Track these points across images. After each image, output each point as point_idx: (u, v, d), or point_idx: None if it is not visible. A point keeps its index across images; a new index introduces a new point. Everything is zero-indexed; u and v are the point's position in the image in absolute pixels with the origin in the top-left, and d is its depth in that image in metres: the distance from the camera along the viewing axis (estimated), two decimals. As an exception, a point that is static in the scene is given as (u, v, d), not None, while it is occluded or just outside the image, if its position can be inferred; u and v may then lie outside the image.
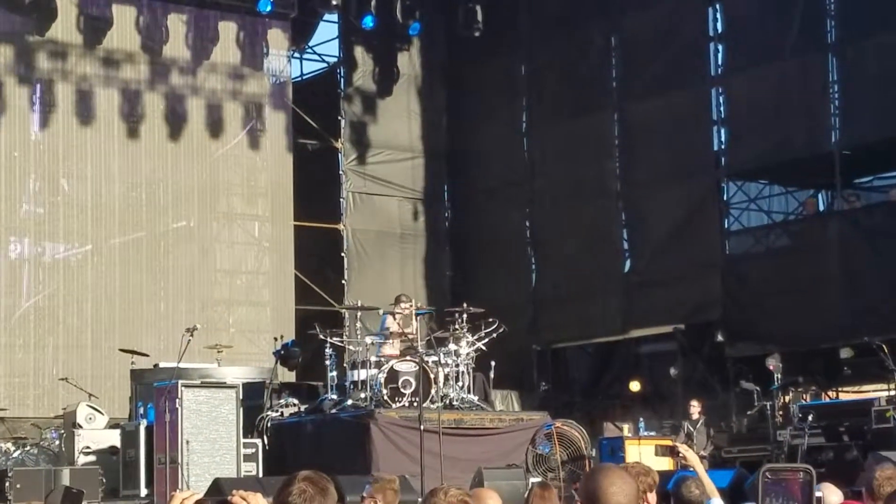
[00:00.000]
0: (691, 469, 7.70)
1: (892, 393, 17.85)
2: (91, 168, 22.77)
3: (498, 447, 16.86)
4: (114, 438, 17.03)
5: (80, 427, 17.36)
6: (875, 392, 20.31)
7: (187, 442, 15.42)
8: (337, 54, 26.54)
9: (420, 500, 11.58)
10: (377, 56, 26.26)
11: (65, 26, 22.59)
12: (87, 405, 17.94)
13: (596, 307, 23.91)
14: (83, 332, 22.25)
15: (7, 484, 15.49)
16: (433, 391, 16.79)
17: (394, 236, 26.32)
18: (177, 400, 15.48)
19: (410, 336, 17.68)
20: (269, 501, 4.40)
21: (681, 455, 7.85)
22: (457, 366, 17.71)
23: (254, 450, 16.57)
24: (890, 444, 16.39)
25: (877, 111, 20.44)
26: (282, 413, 18.33)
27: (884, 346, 17.56)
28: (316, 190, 25.40)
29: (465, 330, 17.92)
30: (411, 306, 18.47)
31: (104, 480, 16.15)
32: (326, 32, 26.92)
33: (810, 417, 18.23)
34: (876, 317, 19.68)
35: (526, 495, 10.17)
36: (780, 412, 19.46)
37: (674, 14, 23.17)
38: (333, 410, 17.60)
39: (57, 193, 22.51)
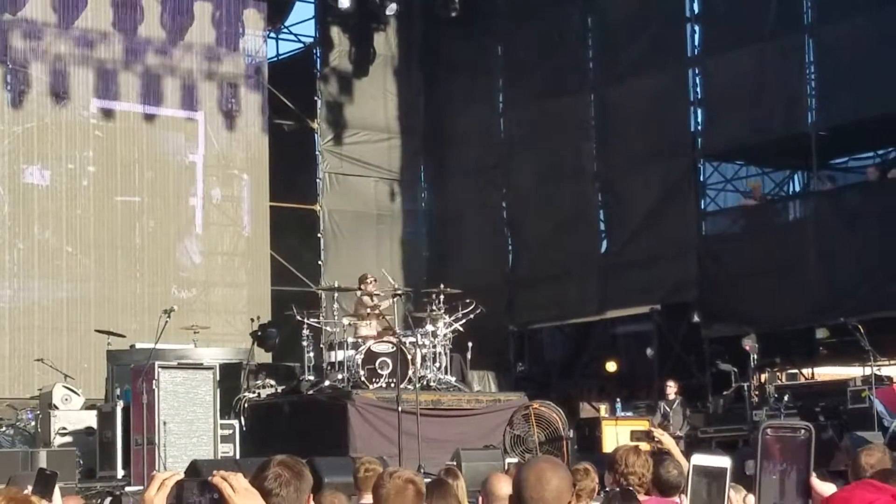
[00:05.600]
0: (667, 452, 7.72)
1: (868, 373, 17.91)
2: (65, 149, 22.63)
3: (476, 428, 16.89)
4: (90, 419, 16.97)
5: (56, 408, 17.28)
6: (851, 372, 20.41)
7: (164, 423, 15.38)
8: (313, 34, 26.44)
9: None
10: (353, 36, 26.16)
11: (39, 5, 22.42)
12: (63, 386, 17.87)
13: (572, 288, 23.92)
14: (59, 313, 22.13)
15: (-18, 465, 15.41)
16: (410, 372, 16.79)
17: (370, 217, 26.26)
18: (153, 381, 15.43)
19: (388, 316, 17.68)
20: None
21: (656, 439, 7.87)
22: (434, 347, 17.72)
23: (231, 431, 16.55)
24: (866, 424, 16.49)
25: (853, 92, 20.45)
26: (259, 394, 18.33)
27: (860, 326, 17.63)
28: (292, 171, 25.31)
29: (442, 311, 17.94)
30: (376, 283, 18.49)
31: (81, 462, 16.11)
32: (302, 12, 26.87)
33: (786, 398, 18.32)
34: (852, 297, 19.73)
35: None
36: (756, 392, 19.53)
37: (651, -5, 23.16)
38: (310, 392, 17.61)
39: (30, 176, 22.35)
